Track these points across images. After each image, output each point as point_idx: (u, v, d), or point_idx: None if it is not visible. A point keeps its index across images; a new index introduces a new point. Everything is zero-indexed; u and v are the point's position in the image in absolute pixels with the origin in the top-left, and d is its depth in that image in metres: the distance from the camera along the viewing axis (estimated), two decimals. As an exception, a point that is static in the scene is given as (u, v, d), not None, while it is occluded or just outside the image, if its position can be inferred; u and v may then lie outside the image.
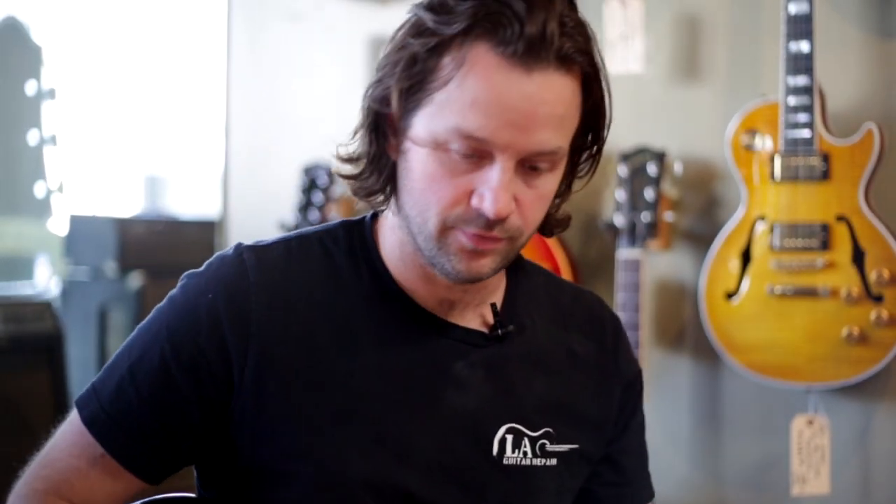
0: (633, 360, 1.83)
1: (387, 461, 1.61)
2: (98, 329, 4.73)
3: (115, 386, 1.63)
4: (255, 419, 1.61)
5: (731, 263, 2.90)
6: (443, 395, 1.64)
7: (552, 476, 1.69)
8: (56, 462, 1.65)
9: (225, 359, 1.59)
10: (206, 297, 1.61)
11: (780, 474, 2.99)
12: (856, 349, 2.77)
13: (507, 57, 1.47)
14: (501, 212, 1.51)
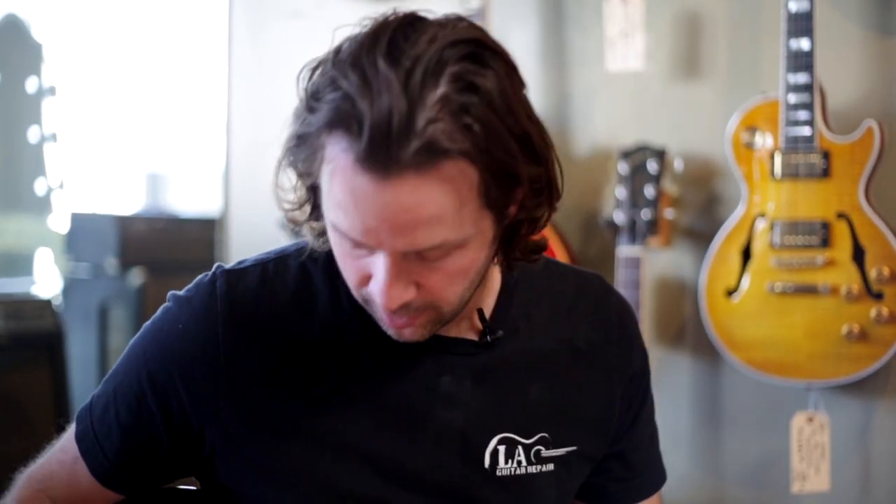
0: (640, 347, 1.78)
1: (377, 483, 1.59)
2: (99, 326, 4.73)
3: (102, 406, 1.65)
4: (237, 449, 1.60)
5: (731, 261, 2.90)
6: (430, 412, 1.61)
7: (549, 481, 1.67)
8: (52, 465, 1.69)
9: (197, 392, 1.58)
10: (177, 327, 1.61)
11: (781, 471, 2.99)
12: (856, 346, 2.77)
13: (359, 162, 1.36)
14: (392, 305, 1.45)
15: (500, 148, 1.39)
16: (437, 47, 1.37)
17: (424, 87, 1.35)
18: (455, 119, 1.36)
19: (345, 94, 1.36)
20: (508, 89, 1.41)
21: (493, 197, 1.42)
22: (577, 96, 3.30)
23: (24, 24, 5.85)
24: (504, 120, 1.39)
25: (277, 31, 3.96)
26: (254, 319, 1.59)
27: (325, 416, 1.58)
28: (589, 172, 3.26)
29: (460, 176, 1.38)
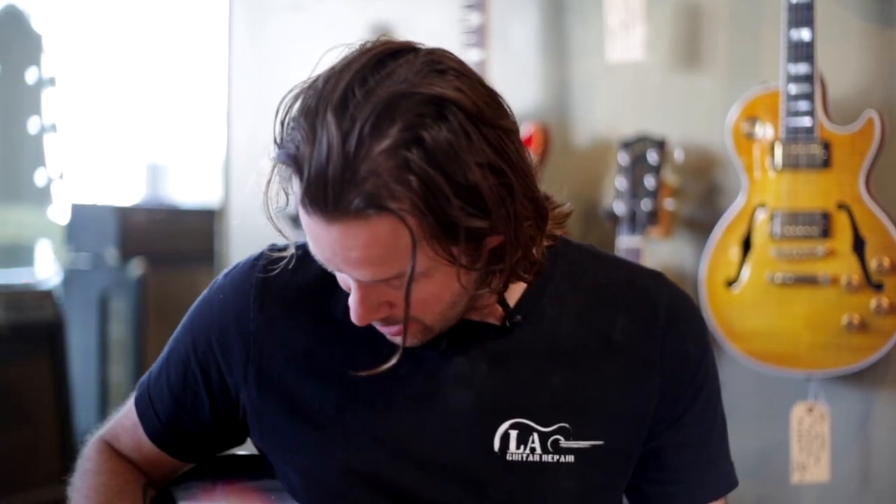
0: (691, 345, 1.71)
1: (385, 459, 1.62)
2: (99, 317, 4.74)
3: (157, 372, 1.78)
4: (260, 414, 1.69)
5: (731, 251, 2.89)
6: (441, 391, 1.63)
7: (569, 474, 1.63)
8: (117, 429, 1.83)
9: (230, 359, 1.70)
10: (219, 297, 1.74)
11: (780, 462, 2.99)
12: (856, 337, 2.77)
13: (303, 203, 1.44)
14: (361, 323, 1.53)
15: (439, 203, 1.42)
16: (388, 95, 1.40)
17: (367, 138, 1.39)
18: (395, 175, 1.40)
19: (295, 139, 1.43)
20: (460, 141, 1.42)
21: (443, 238, 1.45)
22: (577, 87, 3.30)
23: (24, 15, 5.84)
24: (447, 174, 1.41)
25: (277, 24, 3.96)
26: (283, 296, 1.70)
27: (336, 392, 1.64)
28: (589, 163, 3.26)
29: (401, 225, 1.42)
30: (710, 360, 1.74)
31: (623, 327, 1.68)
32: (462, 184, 1.42)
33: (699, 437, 1.74)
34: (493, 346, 1.64)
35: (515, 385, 1.64)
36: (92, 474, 1.77)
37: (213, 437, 1.77)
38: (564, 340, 1.66)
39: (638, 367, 1.67)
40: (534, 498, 1.64)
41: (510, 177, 1.47)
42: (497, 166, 1.45)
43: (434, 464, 1.62)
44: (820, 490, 3.00)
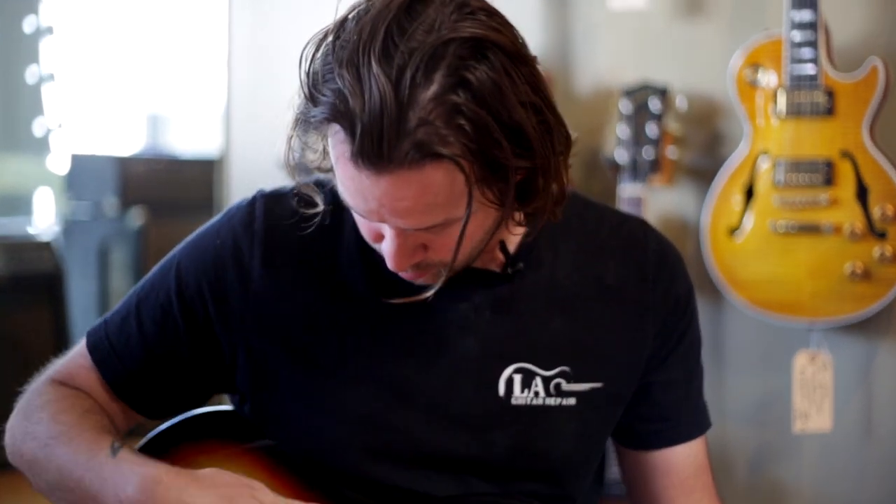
0: (680, 287, 1.76)
1: (390, 406, 1.63)
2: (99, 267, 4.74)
3: (122, 317, 1.71)
4: (258, 366, 1.66)
5: (734, 199, 2.88)
6: (445, 339, 1.64)
7: (570, 416, 1.66)
8: (72, 368, 1.72)
9: (225, 306, 1.65)
10: (215, 242, 1.68)
11: (782, 411, 2.99)
12: (859, 286, 2.76)
13: (353, 158, 1.40)
14: (400, 269, 1.51)
15: (490, 145, 1.40)
16: (431, 42, 1.38)
17: (416, 87, 1.37)
18: (446, 120, 1.38)
19: (339, 92, 1.39)
20: (503, 80, 1.41)
21: (489, 181, 1.44)
22: (579, 34, 3.28)
23: (22, -37, 5.81)
24: (496, 115, 1.40)
25: (277, -30, 3.93)
26: (287, 241, 1.66)
27: (339, 342, 1.64)
28: (590, 111, 3.24)
29: (453, 171, 1.41)
30: (694, 301, 1.80)
31: (615, 272, 1.71)
32: (508, 124, 1.41)
33: (685, 376, 1.80)
34: (496, 293, 1.65)
35: (518, 330, 1.65)
36: (51, 402, 1.65)
37: (183, 390, 1.72)
38: (561, 286, 1.68)
39: (632, 310, 1.71)
40: (537, 441, 1.66)
41: (547, 114, 1.47)
42: (536, 104, 1.45)
43: (439, 410, 1.63)
44: (822, 439, 3.00)
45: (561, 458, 1.68)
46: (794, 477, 3.09)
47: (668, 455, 1.77)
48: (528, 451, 1.66)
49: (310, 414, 1.64)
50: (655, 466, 1.78)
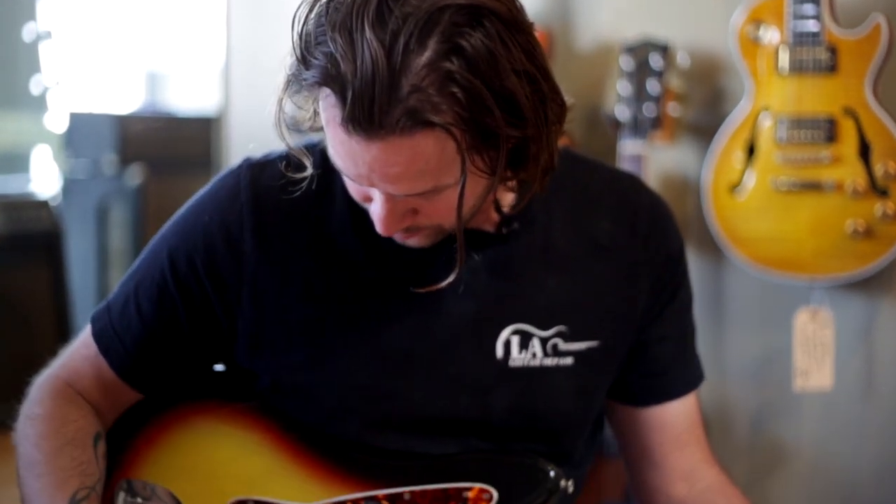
0: (673, 244, 1.76)
1: (388, 372, 1.63)
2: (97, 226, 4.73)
3: (122, 303, 1.71)
4: (255, 336, 1.66)
5: (735, 157, 2.87)
6: (442, 301, 1.63)
7: (568, 376, 1.67)
8: (76, 363, 1.74)
9: (220, 280, 1.64)
10: (203, 218, 1.67)
11: (783, 369, 2.99)
12: (861, 243, 2.76)
13: (344, 123, 1.39)
14: (388, 233, 1.50)
15: (482, 114, 1.39)
16: (426, 7, 1.36)
17: (409, 53, 1.35)
18: (439, 88, 1.37)
19: (331, 56, 1.37)
20: (498, 48, 1.39)
21: (481, 149, 1.43)
22: (580, -10, 3.26)
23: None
24: (489, 84, 1.38)
25: (275, -75, 3.91)
26: (276, 210, 1.64)
27: (337, 305, 1.63)
28: (592, 67, 3.23)
29: (444, 139, 1.40)
30: (686, 257, 1.79)
31: (608, 229, 1.71)
32: (501, 93, 1.39)
33: (678, 332, 1.80)
34: (492, 255, 1.64)
35: (514, 291, 1.65)
36: (41, 420, 1.69)
37: (185, 367, 1.73)
38: (556, 245, 1.68)
39: (625, 267, 1.71)
40: (536, 402, 1.66)
41: (541, 83, 1.45)
42: (531, 73, 1.43)
43: (438, 374, 1.63)
44: (822, 397, 3.00)
45: (559, 418, 1.69)
46: (795, 435, 3.10)
47: (662, 410, 1.78)
48: (527, 412, 1.66)
49: (308, 383, 1.64)
50: (649, 422, 1.78)
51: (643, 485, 1.81)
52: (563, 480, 1.61)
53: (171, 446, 1.71)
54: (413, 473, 1.60)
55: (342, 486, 1.62)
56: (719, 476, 1.78)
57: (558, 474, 1.60)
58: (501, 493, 1.58)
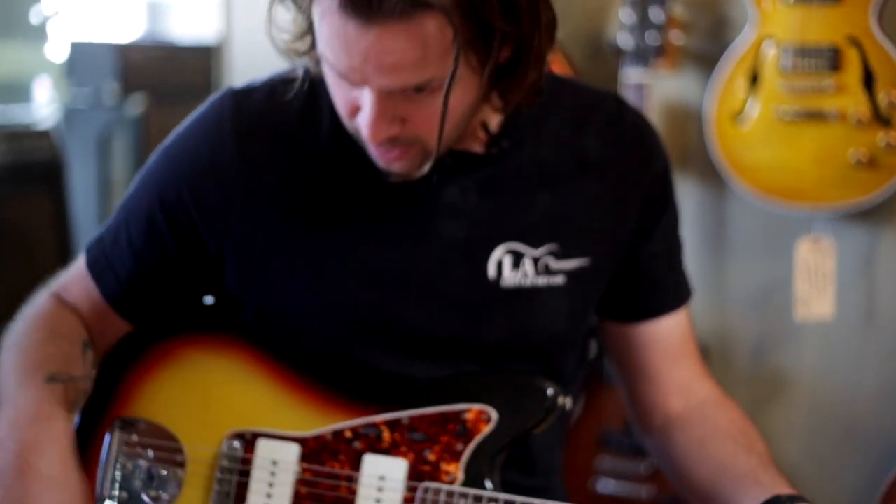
0: (659, 161, 1.76)
1: (381, 295, 1.63)
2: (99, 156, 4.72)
3: (114, 233, 1.71)
4: (245, 262, 1.65)
5: (738, 85, 2.86)
6: (434, 223, 1.63)
7: (559, 295, 1.67)
8: (68, 286, 1.75)
9: (207, 208, 1.64)
10: (188, 145, 1.67)
11: (784, 298, 3.00)
12: (863, 173, 2.75)
13: (342, 8, 1.38)
14: (376, 139, 1.48)
15: (480, 3, 1.39)
16: None
17: None
18: None
19: None
20: None
21: (475, 44, 1.42)
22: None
23: None
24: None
25: None
26: (261, 135, 1.64)
27: (328, 228, 1.62)
28: (595, -5, 3.21)
29: (441, 25, 1.38)
30: (672, 173, 1.79)
31: (595, 148, 1.70)
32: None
33: (667, 248, 1.79)
34: (481, 175, 1.64)
35: (505, 211, 1.65)
36: (34, 317, 1.70)
37: (175, 297, 1.73)
38: (545, 163, 1.67)
39: (614, 185, 1.70)
40: (527, 321, 1.67)
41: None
42: None
43: (430, 296, 1.63)
44: (823, 326, 3.01)
45: (550, 337, 1.69)
46: (795, 364, 3.11)
47: (656, 326, 1.78)
48: (519, 332, 1.66)
49: (300, 305, 1.64)
50: (643, 338, 1.79)
51: (640, 402, 1.82)
52: (560, 397, 1.61)
53: (163, 381, 1.71)
54: (411, 397, 1.61)
55: (339, 413, 1.63)
56: (714, 389, 1.79)
57: (556, 391, 1.60)
58: (500, 413, 1.59)
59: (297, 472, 1.61)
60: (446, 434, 1.58)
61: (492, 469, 1.58)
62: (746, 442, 1.68)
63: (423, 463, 1.58)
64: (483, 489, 1.56)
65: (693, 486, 1.71)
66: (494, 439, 1.58)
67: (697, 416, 1.75)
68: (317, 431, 1.62)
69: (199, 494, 1.65)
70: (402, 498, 1.57)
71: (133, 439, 1.69)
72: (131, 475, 1.67)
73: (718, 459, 1.67)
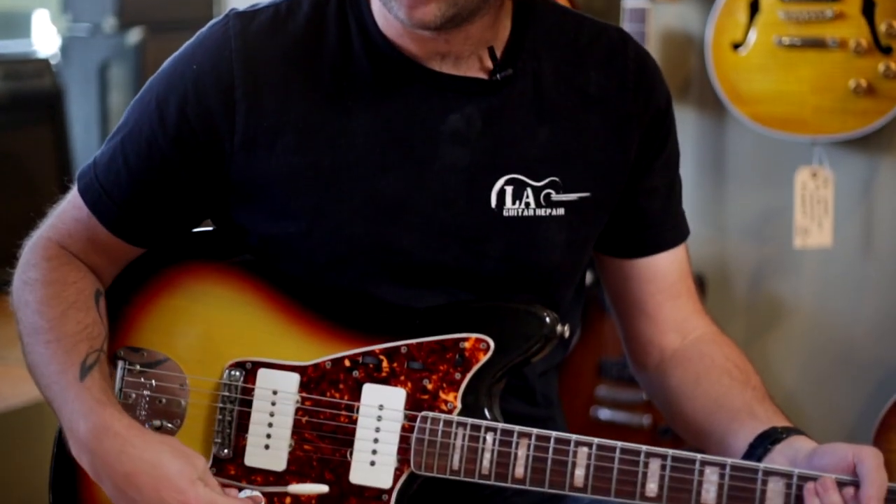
0: (660, 96, 1.75)
1: (382, 221, 1.62)
2: (99, 86, 4.71)
3: (108, 157, 1.69)
4: (250, 185, 1.64)
5: (738, 13, 2.85)
6: (437, 150, 1.63)
7: (559, 227, 1.67)
8: (67, 224, 1.72)
9: (211, 129, 1.62)
10: (191, 67, 1.64)
11: (783, 226, 3.01)
12: (863, 101, 2.75)
13: None
14: None
15: None
16: None
17: None
18: None
19: None
20: None
21: None
22: None
23: None
24: None
25: None
26: (266, 56, 1.63)
27: (331, 153, 1.62)
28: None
29: None
30: (673, 109, 1.78)
31: (597, 81, 1.70)
32: None
33: (667, 183, 1.79)
34: (486, 104, 1.64)
35: (508, 141, 1.65)
36: (40, 285, 1.68)
37: (175, 219, 1.71)
38: (547, 95, 1.67)
39: (615, 119, 1.70)
40: (528, 252, 1.66)
41: None
42: None
43: (432, 223, 1.63)
44: (821, 255, 3.02)
45: (550, 268, 1.69)
46: (793, 292, 3.12)
47: (654, 262, 1.78)
48: (519, 263, 1.66)
49: (301, 233, 1.63)
50: (641, 274, 1.79)
51: (636, 339, 1.83)
52: (558, 326, 1.61)
53: (166, 311, 1.71)
54: (409, 327, 1.61)
55: (339, 342, 1.63)
56: (710, 326, 1.79)
57: (554, 319, 1.60)
58: (498, 342, 1.59)
59: (297, 402, 1.62)
60: (444, 363, 1.59)
61: (490, 398, 1.58)
62: (742, 377, 1.69)
63: (422, 392, 1.58)
64: (481, 418, 1.56)
65: (688, 422, 1.72)
66: (492, 368, 1.58)
67: (693, 353, 1.75)
68: (316, 361, 1.63)
69: (201, 424, 1.66)
70: (400, 427, 1.58)
71: (136, 369, 1.70)
72: (135, 405, 1.69)
73: (714, 395, 1.68)
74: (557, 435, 1.52)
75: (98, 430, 1.57)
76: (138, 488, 1.53)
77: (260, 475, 1.62)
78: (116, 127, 1.71)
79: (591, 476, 1.50)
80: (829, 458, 1.46)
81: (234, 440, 1.64)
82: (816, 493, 1.42)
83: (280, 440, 1.62)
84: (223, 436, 1.64)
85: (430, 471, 1.56)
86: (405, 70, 1.62)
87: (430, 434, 1.56)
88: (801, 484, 1.43)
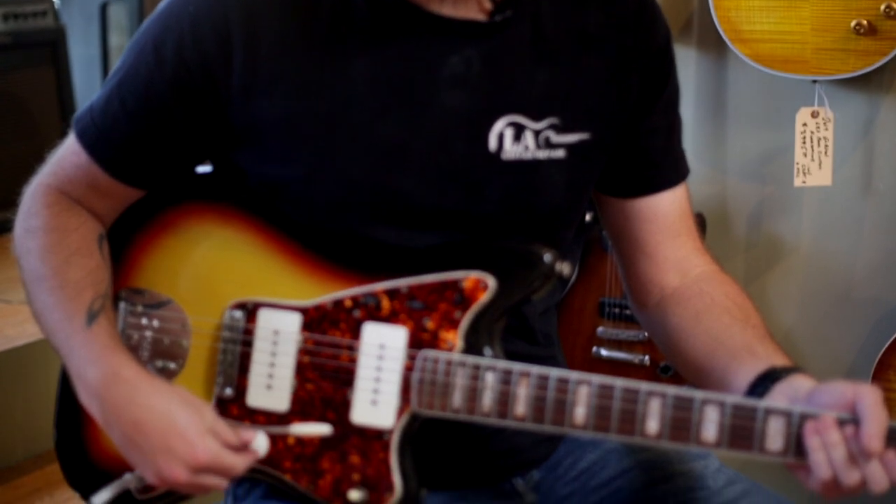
0: (660, 36, 1.75)
1: (381, 165, 1.62)
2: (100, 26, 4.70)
3: (105, 100, 1.68)
4: (248, 130, 1.64)
5: (739, -48, 2.84)
6: (436, 93, 1.62)
7: (559, 169, 1.67)
8: (66, 170, 1.72)
9: (209, 74, 1.61)
10: (187, 10, 1.62)
11: (784, 166, 3.01)
12: (863, 41, 2.74)
13: None
14: None
15: None
16: None
17: None
18: None
19: None
20: None
21: None
22: None
23: None
24: None
25: None
26: (264, 6, 1.61)
27: (330, 97, 1.61)
28: None
29: None
30: (673, 49, 1.78)
31: (596, 22, 1.69)
32: None
33: (667, 123, 1.79)
34: (484, 45, 1.63)
35: (507, 84, 1.64)
36: (42, 232, 1.69)
37: (176, 159, 1.71)
38: (545, 37, 1.66)
39: (615, 59, 1.70)
40: (528, 194, 1.67)
41: None
42: None
43: (430, 166, 1.63)
44: (822, 193, 3.02)
45: (550, 211, 1.70)
46: (793, 231, 3.13)
47: (654, 201, 1.79)
48: (519, 205, 1.67)
49: (301, 177, 1.64)
50: (641, 213, 1.79)
51: (636, 278, 1.83)
52: (558, 263, 1.61)
53: (166, 252, 1.72)
54: (409, 266, 1.62)
55: (339, 282, 1.64)
56: (711, 265, 1.80)
57: (553, 257, 1.60)
58: (498, 280, 1.59)
59: (298, 342, 1.63)
60: (444, 302, 1.59)
61: (491, 337, 1.59)
62: (742, 315, 1.69)
63: (423, 331, 1.59)
64: (482, 357, 1.57)
65: (688, 361, 1.72)
66: (492, 306, 1.59)
67: (693, 291, 1.76)
68: (317, 300, 1.63)
69: (203, 365, 1.68)
70: (402, 366, 1.59)
71: (138, 310, 1.71)
72: (138, 345, 1.70)
73: (714, 333, 1.68)
74: (558, 373, 1.52)
75: (107, 377, 1.58)
76: (146, 436, 1.55)
77: (262, 415, 1.64)
78: (113, 70, 1.70)
79: (591, 415, 1.51)
80: (829, 396, 1.46)
81: (237, 380, 1.65)
82: (817, 431, 1.42)
83: (282, 380, 1.63)
84: (225, 376, 1.66)
85: (431, 409, 1.57)
86: (404, 13, 1.61)
87: (431, 373, 1.57)
88: (802, 422, 1.43)
